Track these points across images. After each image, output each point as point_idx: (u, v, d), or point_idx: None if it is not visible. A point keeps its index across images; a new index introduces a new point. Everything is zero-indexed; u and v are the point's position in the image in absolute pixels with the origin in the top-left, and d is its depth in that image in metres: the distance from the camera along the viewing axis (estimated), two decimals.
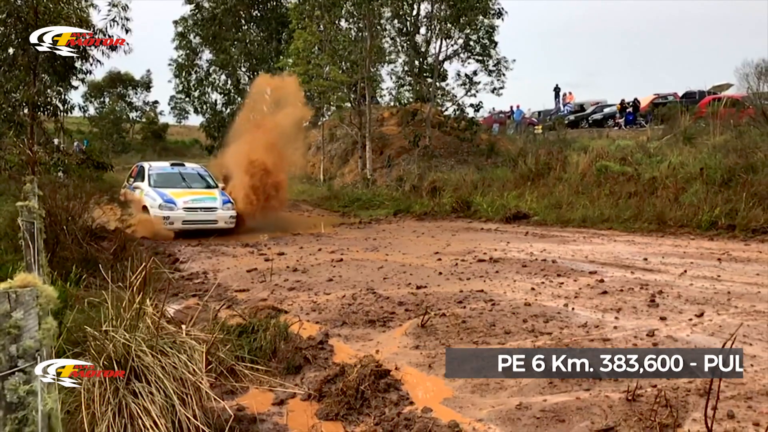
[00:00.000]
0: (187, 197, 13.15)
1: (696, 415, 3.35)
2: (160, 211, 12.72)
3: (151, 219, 12.57)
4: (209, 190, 13.92)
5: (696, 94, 27.55)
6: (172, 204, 12.87)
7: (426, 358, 4.74)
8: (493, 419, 3.68)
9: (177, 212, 12.82)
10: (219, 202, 13.40)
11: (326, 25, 19.33)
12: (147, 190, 13.49)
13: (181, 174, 14.55)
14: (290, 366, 4.63)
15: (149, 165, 14.78)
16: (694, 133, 15.15)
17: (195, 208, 12.99)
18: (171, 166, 14.93)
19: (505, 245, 9.39)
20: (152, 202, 12.99)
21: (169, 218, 12.62)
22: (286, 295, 7.04)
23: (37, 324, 1.44)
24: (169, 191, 13.30)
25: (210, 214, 13.06)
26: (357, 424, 3.77)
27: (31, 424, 1.37)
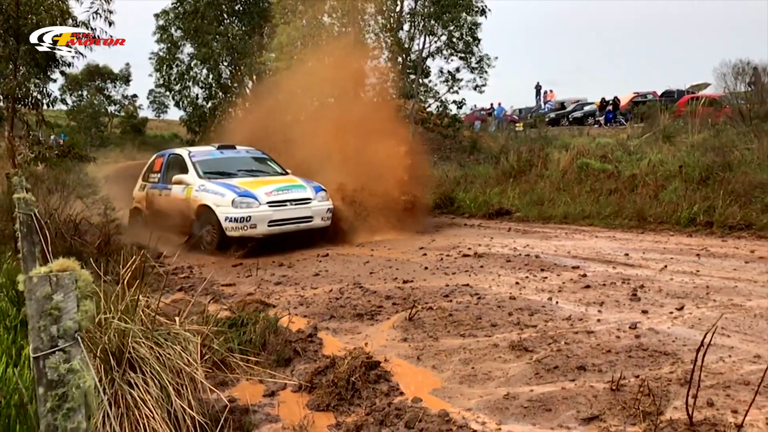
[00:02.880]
0: (269, 187, 9.67)
1: (677, 403, 3.45)
2: (235, 210, 9.16)
3: (213, 223, 9.39)
4: (287, 177, 10.50)
5: (675, 93, 28.02)
6: (251, 198, 9.31)
7: (414, 350, 4.82)
8: (482, 408, 3.76)
9: (261, 210, 9.27)
10: (310, 191, 9.92)
11: (309, 20, 19.31)
12: (201, 184, 9.85)
13: (237, 159, 11.09)
14: (280, 358, 4.67)
15: (188, 151, 10.96)
16: (673, 132, 15.40)
17: (283, 202, 9.51)
18: (219, 149, 11.15)
19: (489, 240, 9.50)
20: (218, 199, 9.40)
21: (250, 219, 9.14)
22: (273, 289, 7.08)
23: (75, 306, 1.49)
24: (238, 181, 9.86)
25: (303, 208, 9.63)
26: (348, 414, 3.83)
27: (70, 401, 1.42)
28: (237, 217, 9.16)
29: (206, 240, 9.49)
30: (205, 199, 9.59)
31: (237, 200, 9.26)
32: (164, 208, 10.45)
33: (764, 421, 3.25)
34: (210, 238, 9.49)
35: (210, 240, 9.45)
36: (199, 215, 9.65)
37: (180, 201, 10.08)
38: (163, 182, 10.89)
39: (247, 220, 9.16)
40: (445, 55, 20.23)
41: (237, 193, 9.37)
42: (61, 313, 1.45)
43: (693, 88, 28.93)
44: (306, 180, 10.37)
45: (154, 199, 10.96)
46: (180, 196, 10.12)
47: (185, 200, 9.96)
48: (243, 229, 9.19)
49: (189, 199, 9.89)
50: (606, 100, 31.35)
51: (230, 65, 25.57)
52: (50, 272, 1.49)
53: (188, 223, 9.84)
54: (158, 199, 10.81)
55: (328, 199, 10.08)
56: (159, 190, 10.90)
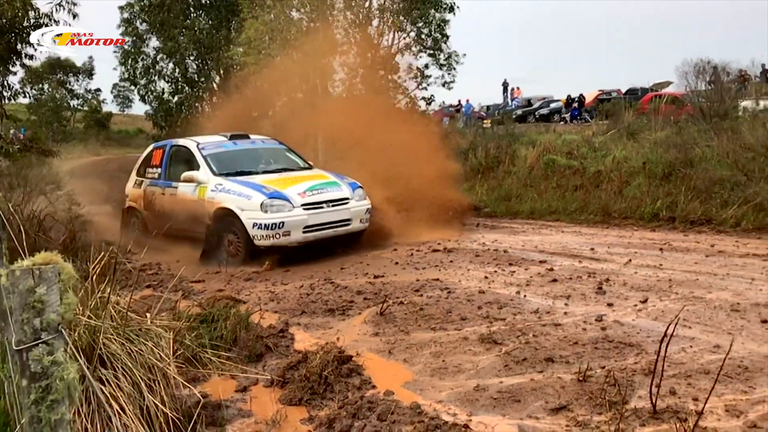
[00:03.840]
0: (300, 186, 8.28)
1: (642, 393, 3.57)
2: (265, 215, 7.78)
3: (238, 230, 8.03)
4: (316, 172, 9.19)
5: (638, 91, 28.63)
6: (283, 201, 7.94)
7: (386, 344, 4.87)
8: (453, 400, 3.83)
9: (294, 214, 7.90)
10: (347, 189, 8.59)
11: (278, 15, 19.17)
12: (218, 183, 8.38)
13: (254, 151, 9.63)
14: (252, 354, 4.68)
15: (195, 143, 9.28)
16: (636, 129, 15.71)
17: (319, 204, 8.14)
18: (231, 140, 9.52)
19: (458, 236, 9.58)
20: (243, 201, 7.96)
21: (283, 225, 7.76)
22: (243, 285, 7.07)
23: (59, 299, 1.49)
24: (262, 179, 8.46)
25: (341, 210, 8.28)
26: (321, 408, 3.86)
27: (54, 393, 1.43)
28: (267, 223, 7.74)
29: (228, 250, 8.15)
30: (225, 202, 8.09)
31: (267, 203, 7.84)
32: (169, 210, 8.91)
33: (723, 408, 3.38)
34: (233, 248, 8.11)
35: (233, 251, 8.11)
36: (218, 220, 8.20)
37: (190, 202, 8.57)
38: (165, 178, 9.39)
39: (280, 227, 7.76)
40: (414, 51, 20.30)
41: (266, 195, 7.93)
42: (44, 306, 1.45)
43: (656, 86, 29.61)
44: (338, 175, 9.08)
45: (154, 199, 9.43)
46: (190, 197, 8.63)
47: (197, 202, 8.46)
48: (275, 237, 7.78)
49: (203, 201, 8.38)
50: (572, 98, 31.88)
51: (197, 59, 25.26)
52: (33, 265, 1.49)
53: (201, 227, 8.43)
54: (161, 198, 9.31)
55: (366, 198, 8.80)
56: (161, 187, 9.37)
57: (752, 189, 8.62)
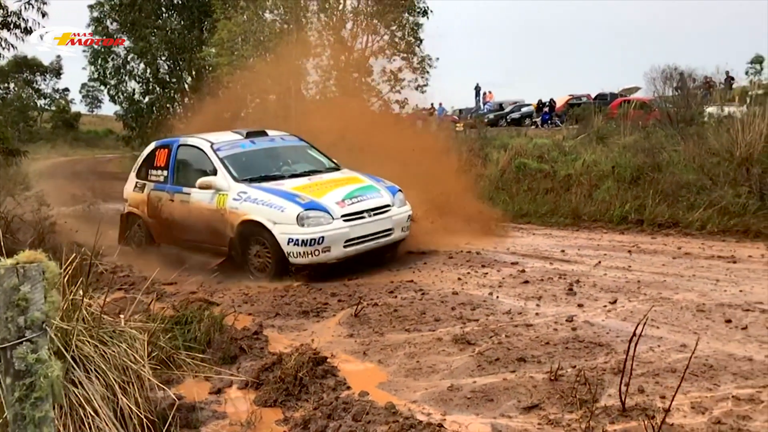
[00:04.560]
0: (336, 193, 7.36)
1: (611, 391, 3.65)
2: (303, 229, 6.81)
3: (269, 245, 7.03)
4: (349, 175, 8.19)
5: (608, 96, 29.14)
6: (321, 212, 7.00)
7: (360, 345, 4.90)
8: (427, 400, 3.88)
9: (334, 226, 6.95)
10: (386, 194, 7.70)
11: (251, 16, 19.11)
12: (241, 191, 7.37)
13: (276, 151, 8.58)
14: (226, 356, 4.66)
15: (209, 143, 8.12)
16: (606, 133, 15.98)
17: (359, 213, 7.21)
18: (248, 138, 8.42)
19: (430, 238, 9.63)
20: (275, 213, 6.98)
21: (323, 240, 6.82)
22: (216, 287, 7.02)
23: (43, 297, 1.49)
24: (293, 186, 7.46)
25: (383, 219, 7.38)
26: (296, 410, 3.87)
27: (38, 390, 1.42)
28: (306, 238, 6.77)
29: (254, 265, 7.26)
30: (252, 214, 7.12)
31: (303, 215, 6.87)
32: (180, 219, 8.03)
33: (689, 405, 3.48)
34: (260, 261, 7.20)
35: (260, 265, 7.19)
36: (243, 233, 7.26)
37: (208, 212, 7.59)
38: (173, 183, 8.33)
39: (319, 242, 6.79)
40: (388, 54, 20.40)
41: (302, 206, 6.95)
42: (28, 304, 1.45)
43: (625, 91, 30.17)
44: (372, 177, 8.14)
45: (161, 205, 8.38)
46: (207, 205, 7.61)
47: (216, 212, 7.49)
48: (313, 254, 6.83)
49: (223, 211, 7.42)
50: (542, 102, 32.32)
51: (168, 60, 25.01)
52: (17, 264, 1.49)
53: (222, 240, 7.51)
54: (169, 205, 8.26)
55: (406, 203, 7.94)
56: (169, 193, 8.29)
57: (717, 193, 8.85)
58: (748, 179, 8.82)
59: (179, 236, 8.09)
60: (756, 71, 33.55)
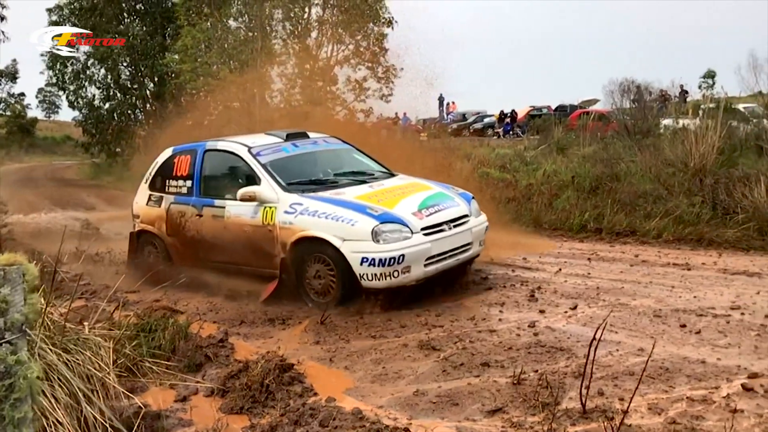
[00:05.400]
0: (410, 203, 6.32)
1: (572, 394, 3.75)
2: (379, 246, 5.70)
3: (336, 264, 5.89)
4: (411, 181, 7.21)
5: (567, 108, 29.79)
6: (398, 224, 5.90)
7: (327, 352, 4.93)
8: (393, 405, 3.93)
9: (414, 242, 5.85)
10: (462, 202, 6.74)
11: (215, 23, 19.01)
12: (296, 203, 6.25)
13: (322, 155, 7.58)
14: (191, 364, 4.64)
15: (246, 147, 7.00)
16: (565, 144, 16.32)
17: (439, 226, 6.15)
18: (289, 141, 7.34)
19: None
20: (343, 228, 5.85)
21: (403, 259, 5.71)
22: (180, 296, 6.94)
23: (23, 299, 1.48)
24: (356, 195, 6.40)
25: (463, 232, 6.38)
26: (263, 416, 3.88)
27: (18, 391, 1.42)
28: (384, 257, 5.65)
29: (313, 289, 6.11)
30: (313, 229, 5.99)
31: (379, 229, 5.76)
32: (212, 237, 6.90)
33: (646, 406, 3.60)
34: (321, 286, 6.04)
35: (321, 289, 6.04)
36: (299, 253, 6.13)
37: (250, 228, 6.49)
38: (200, 195, 7.17)
39: (399, 261, 5.69)
40: (353, 64, 20.50)
41: (376, 218, 5.84)
42: (8, 306, 1.45)
43: (584, 103, 30.87)
44: (438, 183, 7.29)
45: (185, 222, 7.20)
46: (249, 221, 6.50)
47: (262, 228, 6.38)
48: (392, 276, 5.72)
49: (271, 227, 6.30)
50: (504, 113, 32.84)
51: (130, 66, 24.63)
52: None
53: (270, 262, 6.36)
54: (196, 222, 7.08)
55: (481, 212, 7.08)
56: (195, 207, 7.10)
57: (672, 202, 9.12)
58: (702, 189, 9.12)
59: (210, 257, 6.95)
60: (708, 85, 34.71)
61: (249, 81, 18.82)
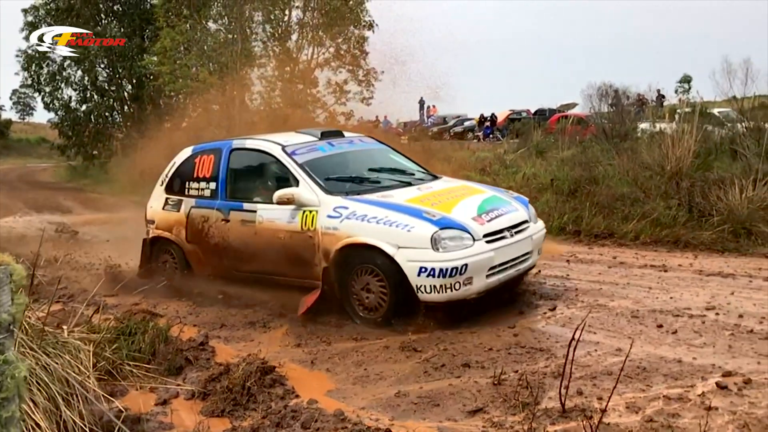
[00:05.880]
0: (467, 207, 5.73)
1: (552, 394, 3.80)
2: (440, 255, 5.11)
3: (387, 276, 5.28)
4: (459, 184, 6.71)
5: (546, 112, 30.08)
6: (459, 230, 5.30)
7: (308, 354, 4.93)
8: (375, 406, 3.95)
9: (477, 250, 5.26)
10: (520, 207, 6.17)
11: (194, 25, 18.90)
12: (340, 207, 5.64)
13: (360, 155, 6.95)
14: (171, 367, 4.62)
15: (279, 146, 6.38)
16: (545, 148, 16.47)
17: (500, 233, 5.57)
18: (324, 139, 6.74)
19: None
20: (398, 234, 5.24)
21: (466, 269, 5.12)
22: (159, 300, 6.89)
23: (10, 299, 1.47)
24: (406, 198, 5.80)
25: (524, 240, 5.83)
26: (244, 419, 3.88)
27: (5, 391, 1.41)
28: (445, 267, 5.07)
29: (361, 303, 5.48)
30: (362, 235, 5.38)
31: (439, 236, 5.16)
32: (241, 244, 6.28)
33: (624, 405, 3.66)
34: (370, 300, 5.42)
35: (370, 304, 5.42)
36: (345, 262, 5.52)
37: (286, 234, 5.88)
38: (226, 197, 6.56)
39: (461, 272, 5.10)
40: (333, 66, 20.50)
41: (435, 223, 5.24)
42: None
43: (563, 107, 31.19)
44: (491, 186, 6.88)
45: (209, 227, 6.59)
46: (285, 226, 5.89)
47: (301, 234, 5.78)
48: (453, 288, 5.13)
49: (312, 233, 5.70)
50: (484, 117, 33.08)
51: (108, 67, 24.38)
52: None
53: (309, 271, 5.78)
54: (222, 227, 6.46)
55: (538, 218, 6.53)
56: (221, 211, 6.49)
57: (650, 205, 9.25)
58: (678, 192, 9.26)
59: (236, 267, 6.41)
60: (684, 90, 35.31)
61: (229, 83, 18.74)
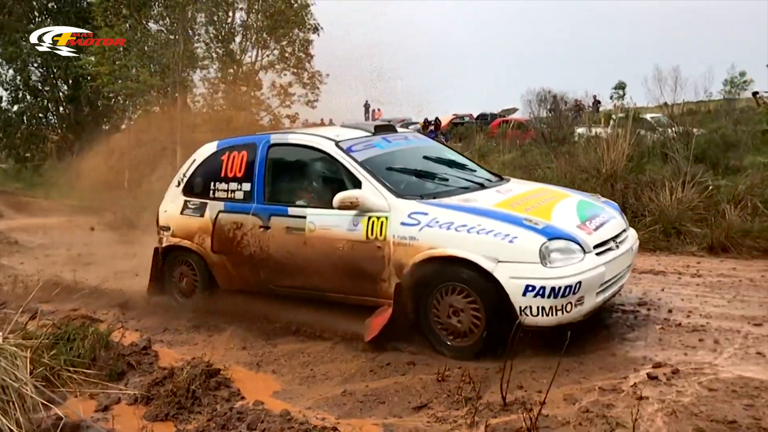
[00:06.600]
0: (564, 213, 4.91)
1: (494, 388, 3.90)
2: (550, 272, 4.24)
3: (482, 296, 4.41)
4: (539, 186, 5.98)
5: (488, 116, 30.69)
6: (569, 241, 4.43)
7: (254, 357, 4.93)
8: (322, 406, 3.99)
9: (589, 264, 4.39)
10: (616, 213, 5.39)
11: (134, 25, 18.46)
12: (418, 212, 4.75)
13: (420, 152, 6.00)
14: (113, 372, 4.53)
15: (331, 141, 5.44)
16: (487, 151, 16.81)
17: (607, 243, 4.75)
18: (378, 134, 5.86)
19: None
20: (499, 245, 4.36)
21: (579, 287, 4.25)
22: (98, 304, 6.73)
23: None
24: (495, 203, 4.92)
25: (627, 252, 5.00)
26: (189, 422, 3.85)
27: None
28: (557, 285, 4.24)
29: (445, 327, 4.63)
30: (450, 246, 4.51)
31: (547, 248, 4.33)
32: (285, 256, 5.38)
33: (562, 397, 3.80)
34: (460, 324, 4.56)
35: (460, 329, 4.57)
36: (425, 278, 4.64)
37: (348, 245, 4.98)
38: (264, 201, 5.64)
39: (575, 291, 4.28)
40: (278, 69, 20.35)
41: (541, 233, 4.40)
42: None
43: (504, 112, 31.93)
44: (570, 189, 6.10)
45: (244, 236, 5.66)
46: (347, 235, 4.99)
47: (367, 244, 4.88)
48: (564, 310, 4.31)
49: (381, 243, 4.82)
50: (428, 121, 33.43)
51: (42, 67, 23.49)
52: None
53: (375, 288, 4.93)
54: (260, 235, 5.53)
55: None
56: (258, 217, 5.57)
57: None
58: (613, 194, 9.59)
59: (277, 281, 5.55)
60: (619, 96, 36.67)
61: (170, 85, 18.39)
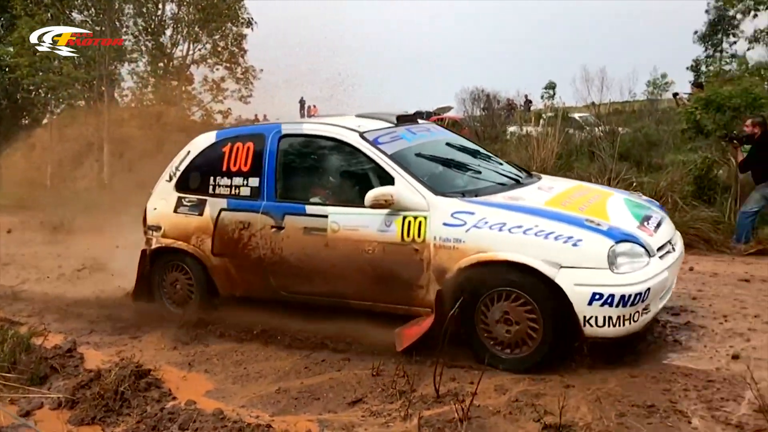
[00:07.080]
0: (620, 212, 4.49)
1: (428, 381, 3.97)
2: (615, 276, 3.83)
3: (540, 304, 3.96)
4: (576, 184, 5.46)
5: (424, 114, 30.93)
6: (634, 243, 4.01)
7: (185, 357, 4.82)
8: (255, 404, 3.95)
9: (655, 269, 4.02)
10: (663, 213, 4.99)
11: (57, 15, 17.71)
12: (462, 211, 4.26)
13: (443, 146, 5.41)
14: (34, 377, 4.34)
15: (354, 132, 4.84)
16: None
17: (665, 246, 4.38)
18: (402, 125, 5.29)
19: None
20: (561, 249, 3.91)
21: (647, 295, 3.86)
22: (20, 306, 6.43)
23: None
24: (545, 201, 4.50)
25: (681, 255, 4.70)
26: (117, 425, 3.74)
27: None
28: (627, 293, 3.83)
29: (495, 338, 4.19)
30: (504, 250, 4.06)
31: (614, 252, 3.92)
32: (304, 260, 4.83)
33: (493, 388, 3.89)
34: (511, 335, 4.12)
35: (511, 340, 4.13)
36: (472, 284, 4.17)
37: (380, 247, 4.48)
38: (276, 198, 5.04)
39: (643, 299, 3.89)
40: (210, 63, 19.94)
41: (607, 235, 4.00)
42: None
43: (439, 110, 32.27)
44: (606, 186, 5.90)
45: (252, 237, 5.06)
46: (379, 236, 4.48)
47: (403, 247, 4.40)
48: (632, 319, 3.90)
49: (420, 246, 4.34)
50: None
51: None
52: None
53: (411, 295, 4.49)
54: (271, 237, 4.95)
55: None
56: (271, 216, 4.97)
57: None
58: None
59: (291, 287, 5.04)
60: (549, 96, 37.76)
61: (96, 78, 17.74)
